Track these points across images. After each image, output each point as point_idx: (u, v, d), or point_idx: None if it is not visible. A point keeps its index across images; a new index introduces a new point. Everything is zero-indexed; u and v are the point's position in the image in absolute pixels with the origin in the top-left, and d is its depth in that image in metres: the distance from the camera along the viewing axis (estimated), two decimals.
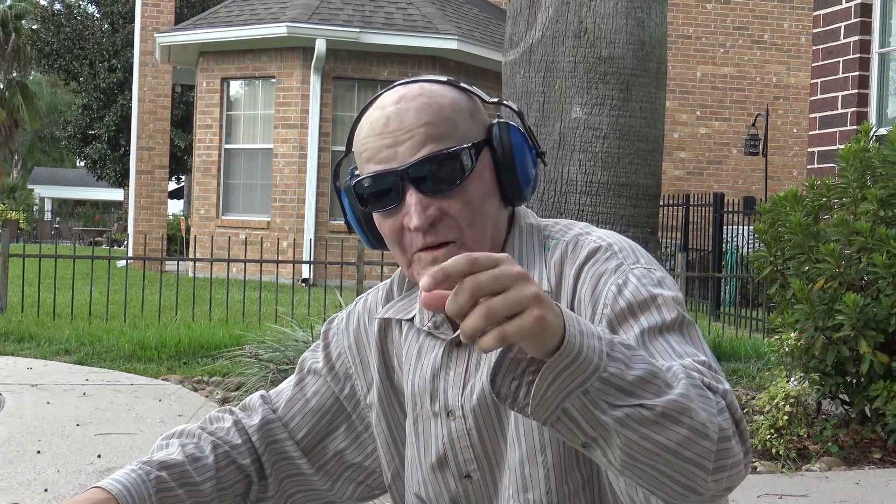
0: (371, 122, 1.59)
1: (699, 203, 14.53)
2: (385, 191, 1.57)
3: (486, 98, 1.67)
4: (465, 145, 1.57)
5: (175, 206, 34.85)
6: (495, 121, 1.64)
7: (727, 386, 1.38)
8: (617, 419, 1.24)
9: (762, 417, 5.31)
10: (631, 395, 1.25)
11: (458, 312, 1.16)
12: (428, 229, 1.56)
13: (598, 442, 1.27)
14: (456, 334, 1.64)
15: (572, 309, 1.56)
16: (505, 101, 1.68)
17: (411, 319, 1.72)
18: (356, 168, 1.65)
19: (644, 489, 1.34)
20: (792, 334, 5.47)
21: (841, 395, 5.66)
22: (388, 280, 1.80)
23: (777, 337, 5.63)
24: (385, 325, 1.76)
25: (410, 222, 1.55)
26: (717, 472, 1.31)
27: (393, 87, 1.62)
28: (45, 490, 4.36)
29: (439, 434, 1.66)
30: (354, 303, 1.84)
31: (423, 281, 1.17)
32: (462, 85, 1.64)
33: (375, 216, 1.62)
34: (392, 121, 1.56)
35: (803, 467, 5.06)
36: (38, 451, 5.06)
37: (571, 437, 1.28)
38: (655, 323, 1.47)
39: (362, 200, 1.61)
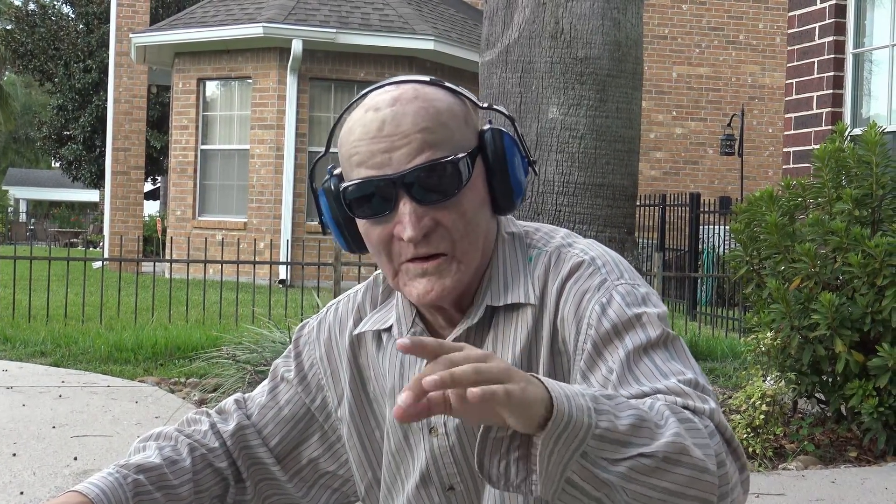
0: (364, 125, 1.52)
1: (675, 203, 14.58)
2: (377, 197, 1.51)
3: (477, 102, 1.61)
4: (461, 154, 1.51)
5: (151, 208, 34.70)
6: (487, 126, 1.58)
7: (713, 404, 1.37)
8: (620, 475, 1.24)
9: (739, 417, 5.33)
10: (627, 445, 1.24)
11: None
12: (421, 241, 1.51)
13: (604, 501, 1.26)
14: None
15: (555, 328, 1.55)
16: (496, 107, 1.63)
17: (389, 329, 1.69)
18: (336, 167, 1.61)
19: None
20: (768, 334, 5.49)
21: (817, 394, 5.68)
22: (357, 289, 1.76)
23: (753, 336, 5.65)
24: (358, 338, 1.73)
25: (403, 232, 1.50)
26: (722, 499, 1.32)
27: (383, 87, 1.56)
28: (21, 493, 4.34)
29: (422, 450, 1.64)
30: (325, 310, 1.80)
31: (427, 381, 1.13)
32: (452, 87, 1.59)
33: (362, 223, 1.56)
34: (388, 124, 1.50)
35: (780, 466, 5.07)
36: (14, 454, 5.02)
37: (579, 502, 1.26)
38: (640, 342, 1.45)
39: (349, 205, 1.55)
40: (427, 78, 1.57)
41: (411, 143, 1.49)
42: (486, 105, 1.62)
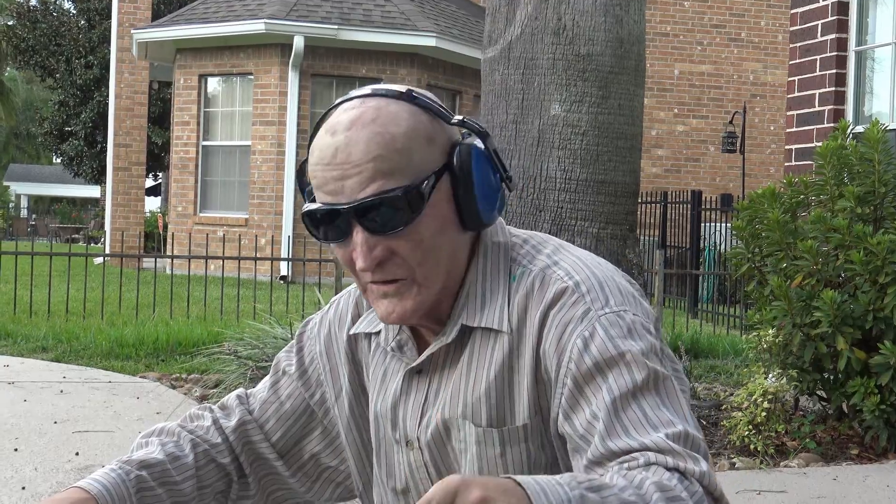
0: (321, 149, 1.49)
1: (677, 200, 14.58)
2: (332, 225, 1.49)
3: (449, 117, 1.55)
4: (415, 182, 1.46)
5: (152, 204, 34.70)
6: (459, 141, 1.54)
7: (704, 466, 1.34)
8: None
9: (740, 414, 5.33)
10: None
11: None
12: (375, 269, 1.49)
13: None
14: (416, 363, 1.60)
15: (538, 358, 1.51)
16: (467, 120, 1.57)
17: (378, 333, 1.68)
18: (310, 183, 1.58)
19: None
20: (770, 331, 5.49)
21: (818, 392, 5.68)
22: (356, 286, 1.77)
23: (755, 334, 5.65)
24: (355, 335, 1.73)
25: (358, 262, 1.49)
26: None
27: (350, 101, 1.52)
28: (23, 488, 4.35)
29: (401, 461, 1.65)
30: (328, 306, 1.80)
31: None
32: (423, 100, 1.52)
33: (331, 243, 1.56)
34: (340, 152, 1.46)
35: (781, 463, 5.08)
36: (15, 449, 5.03)
37: None
38: (626, 388, 1.41)
39: (314, 232, 1.53)
40: (400, 90, 1.52)
41: (363, 172, 1.45)
42: (458, 119, 1.56)
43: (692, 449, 1.37)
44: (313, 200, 1.53)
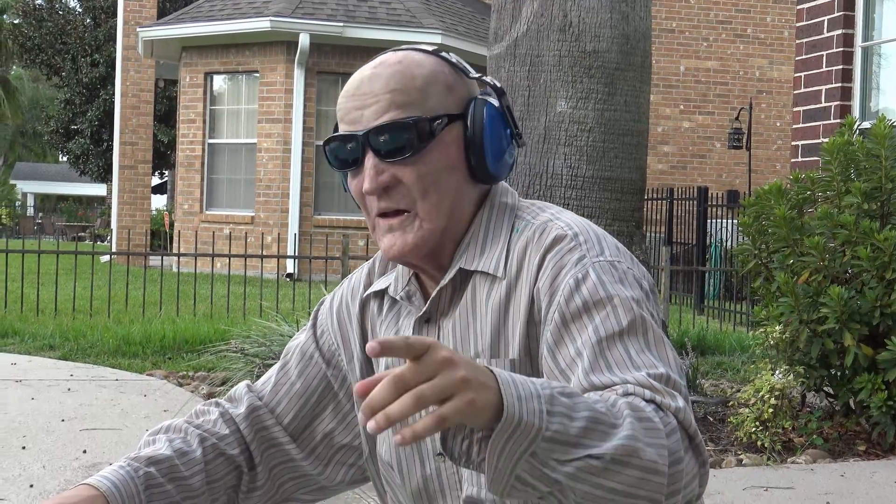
0: (349, 83, 1.62)
1: (683, 197, 14.58)
2: (348, 152, 1.59)
3: (471, 72, 1.65)
4: (426, 116, 1.57)
5: (158, 202, 34.71)
6: (478, 95, 1.63)
7: (681, 402, 1.37)
8: (568, 475, 1.25)
9: (747, 410, 5.33)
10: (577, 447, 1.25)
11: (391, 410, 1.17)
12: (381, 194, 1.58)
13: (554, 495, 1.28)
14: (423, 311, 1.65)
15: (532, 299, 1.55)
16: (486, 78, 1.67)
17: (387, 290, 1.73)
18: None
19: None
20: (777, 327, 5.49)
21: (825, 388, 5.68)
22: (372, 259, 1.81)
23: (762, 330, 5.65)
24: (364, 302, 1.77)
25: (364, 185, 1.58)
26: (671, 496, 1.33)
27: (383, 53, 1.65)
28: (31, 486, 4.36)
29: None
30: (340, 285, 1.85)
31: (369, 425, 1.16)
32: (447, 57, 1.64)
33: (348, 179, 1.64)
34: (364, 84, 1.59)
35: (788, 460, 5.08)
36: (24, 447, 5.05)
37: (527, 496, 1.29)
38: (612, 329, 1.45)
39: (332, 160, 1.63)
40: (429, 48, 1.64)
41: (379, 102, 1.57)
42: (476, 75, 1.65)
43: (673, 389, 1.40)
44: (326, 141, 1.64)
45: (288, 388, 1.78)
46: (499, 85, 1.66)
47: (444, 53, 1.64)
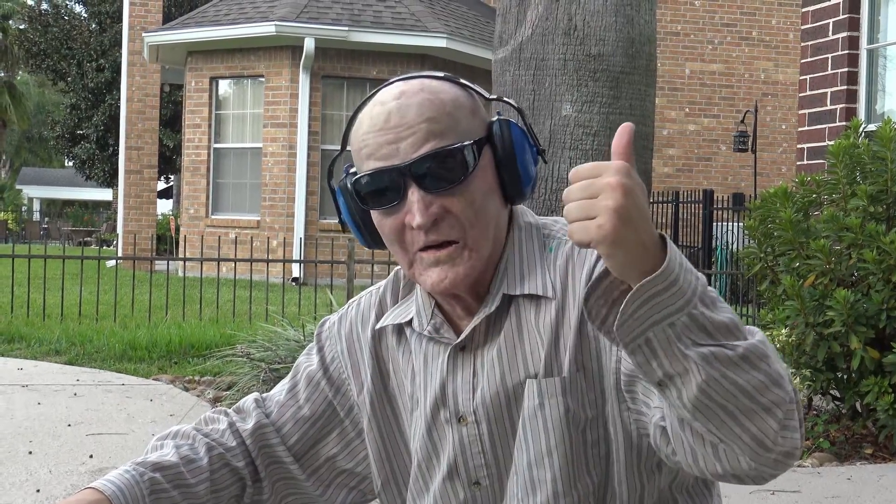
0: (372, 118, 1.54)
1: (688, 200, 14.57)
2: (386, 188, 1.53)
3: (486, 95, 1.63)
4: (467, 142, 1.53)
5: (164, 206, 34.80)
6: (495, 117, 1.59)
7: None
8: (700, 355, 1.25)
9: None
10: (713, 336, 1.26)
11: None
12: (430, 228, 1.52)
13: (675, 380, 1.27)
14: (459, 339, 1.62)
15: (582, 317, 1.54)
16: (504, 98, 1.63)
17: (409, 322, 1.68)
18: (352, 166, 1.62)
19: (709, 445, 1.33)
20: (783, 330, 5.49)
21: (832, 391, 5.68)
22: (380, 285, 1.77)
23: (768, 333, 5.64)
24: (379, 332, 1.73)
25: (413, 220, 1.51)
26: (785, 429, 1.33)
27: (392, 83, 1.58)
28: (38, 491, 4.37)
29: (450, 441, 1.64)
30: (347, 306, 1.81)
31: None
32: (461, 81, 1.60)
33: (375, 215, 1.58)
34: (393, 116, 1.52)
35: (795, 463, 5.07)
36: (30, 452, 5.05)
37: (649, 370, 1.28)
38: None
39: (361, 198, 1.57)
40: (439, 74, 1.60)
41: (416, 133, 1.51)
42: (494, 97, 1.63)
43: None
44: (359, 178, 1.56)
45: (294, 412, 1.77)
46: (515, 104, 1.62)
47: (454, 77, 1.61)
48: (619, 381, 1.51)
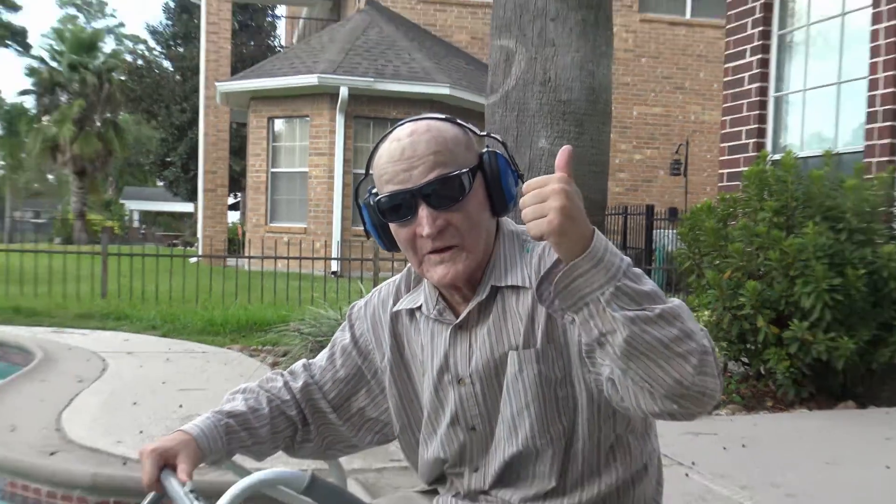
0: (389, 151, 1.53)
1: (635, 213, 14.58)
2: (401, 206, 1.52)
3: (478, 132, 1.62)
4: (464, 170, 1.51)
5: (233, 216, 34.73)
6: (485, 150, 1.57)
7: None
8: (626, 317, 1.26)
9: None
10: (637, 304, 1.27)
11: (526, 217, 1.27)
12: (436, 236, 1.52)
13: (607, 337, 1.28)
14: (459, 319, 1.61)
15: None
16: (492, 135, 1.64)
17: (419, 307, 1.67)
18: (374, 187, 1.60)
19: (645, 389, 1.31)
20: (706, 312, 5.49)
21: (742, 359, 5.68)
22: (396, 278, 1.76)
23: (694, 314, 5.66)
24: (396, 314, 1.72)
25: (423, 231, 1.51)
26: (701, 374, 1.30)
27: (404, 123, 1.57)
28: (140, 432, 4.39)
29: (452, 398, 1.63)
30: (371, 294, 1.80)
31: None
32: (459, 122, 1.59)
33: (392, 226, 1.57)
34: (406, 150, 1.51)
35: (714, 413, 5.08)
36: (134, 403, 5.08)
37: (588, 329, 1.29)
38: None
39: (382, 213, 1.55)
40: (442, 116, 1.58)
41: (425, 163, 1.50)
42: (484, 134, 1.62)
43: None
44: (379, 199, 1.55)
45: (333, 374, 1.76)
46: (500, 139, 1.63)
47: (453, 118, 1.59)
48: (580, 351, 1.49)
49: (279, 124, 17.05)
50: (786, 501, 3.31)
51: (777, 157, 6.75)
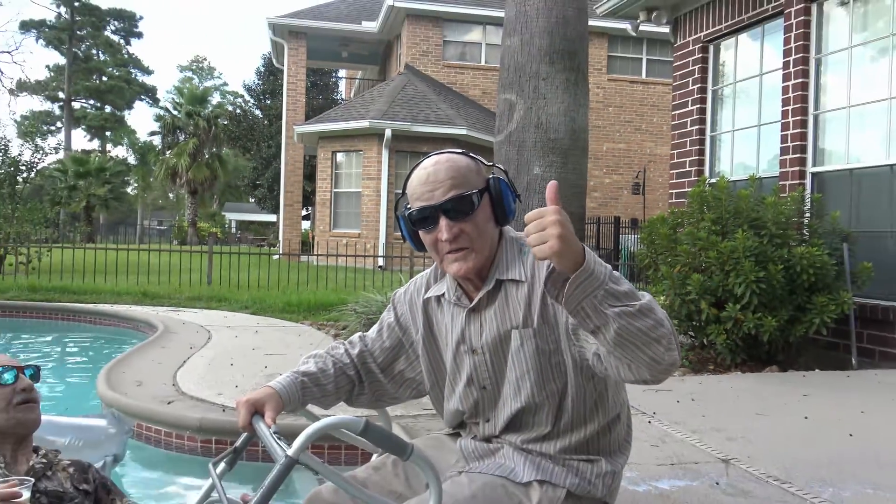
0: (419, 177, 1.54)
1: (605, 222, 14.48)
2: (427, 218, 1.52)
3: (486, 163, 1.62)
4: (474, 191, 1.52)
5: (305, 224, 34.88)
6: (491, 176, 1.59)
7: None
8: (615, 312, 1.26)
9: None
10: (620, 301, 1.27)
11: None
12: (452, 241, 1.52)
13: (601, 328, 1.29)
14: (472, 303, 1.59)
15: (544, 292, 1.51)
16: (497, 165, 1.65)
17: (443, 295, 1.66)
18: (408, 203, 1.61)
19: (625, 364, 1.33)
20: (661, 298, 5.44)
21: (690, 333, 5.63)
22: (426, 272, 1.76)
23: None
24: (427, 300, 1.71)
25: (442, 236, 1.52)
26: (668, 351, 1.31)
27: (430, 156, 1.58)
28: (236, 386, 4.39)
29: (468, 364, 1.63)
30: (408, 283, 1.78)
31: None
32: (471, 155, 1.59)
33: (421, 232, 1.56)
34: (431, 175, 1.52)
35: (675, 372, 5.00)
36: (231, 364, 5.09)
37: (586, 324, 1.29)
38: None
39: (413, 223, 1.56)
40: (459, 151, 1.58)
41: (444, 185, 1.51)
42: (491, 164, 1.62)
43: None
44: (411, 212, 1.56)
45: (380, 344, 1.75)
46: (503, 168, 1.64)
47: (467, 152, 1.59)
48: (567, 329, 1.49)
49: (340, 156, 17.09)
50: (726, 443, 3.25)
51: (713, 180, 6.67)
